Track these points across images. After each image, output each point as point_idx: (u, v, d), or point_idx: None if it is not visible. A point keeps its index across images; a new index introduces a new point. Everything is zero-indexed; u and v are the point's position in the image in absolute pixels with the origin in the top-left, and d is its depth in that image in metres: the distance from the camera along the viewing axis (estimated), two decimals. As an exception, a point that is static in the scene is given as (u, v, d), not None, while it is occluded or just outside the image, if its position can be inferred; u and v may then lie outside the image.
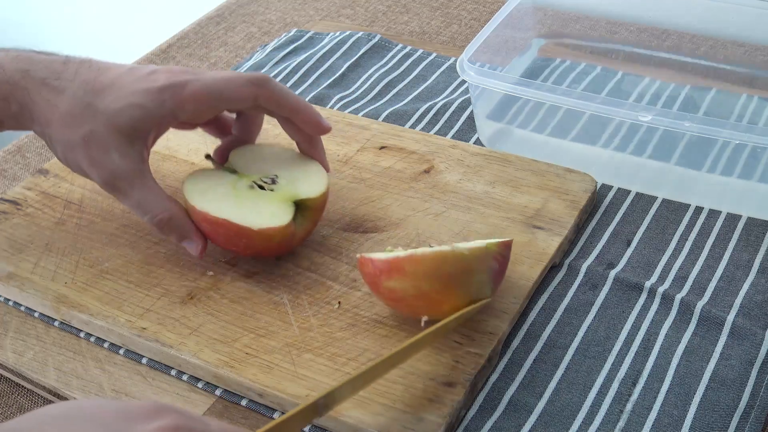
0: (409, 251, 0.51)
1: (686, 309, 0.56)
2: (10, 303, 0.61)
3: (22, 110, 0.57)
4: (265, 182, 0.58)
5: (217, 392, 0.53)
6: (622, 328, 0.55)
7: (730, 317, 0.55)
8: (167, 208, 0.56)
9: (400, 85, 0.80)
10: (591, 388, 0.52)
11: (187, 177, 0.59)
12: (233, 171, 0.60)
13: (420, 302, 0.51)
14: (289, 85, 0.81)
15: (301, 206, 0.57)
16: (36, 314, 0.60)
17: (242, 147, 0.62)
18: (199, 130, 0.66)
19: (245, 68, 0.84)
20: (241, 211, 0.56)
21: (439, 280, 0.50)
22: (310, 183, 0.59)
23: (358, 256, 0.54)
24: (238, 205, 0.57)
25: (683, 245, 0.61)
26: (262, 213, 0.56)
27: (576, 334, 0.55)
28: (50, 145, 0.58)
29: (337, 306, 0.56)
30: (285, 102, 0.58)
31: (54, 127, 0.56)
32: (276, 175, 0.59)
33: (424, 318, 0.52)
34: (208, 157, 0.61)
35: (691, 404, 0.50)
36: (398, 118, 0.74)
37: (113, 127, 0.55)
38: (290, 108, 0.58)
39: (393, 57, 0.83)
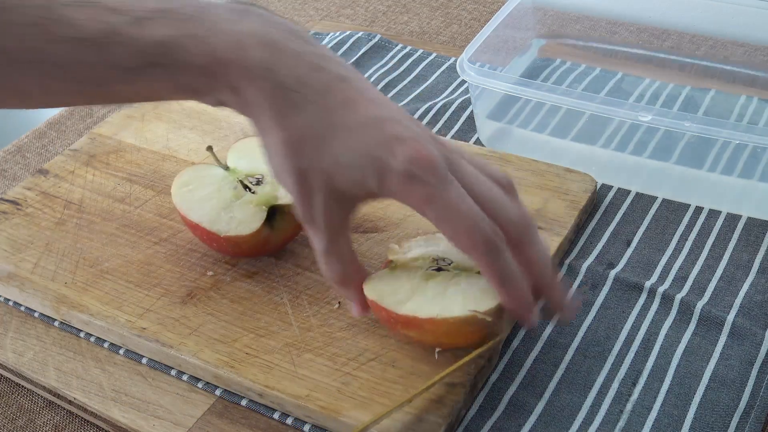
0: (429, 314, 0.48)
1: (686, 309, 0.56)
2: (10, 303, 0.61)
3: (259, 100, 0.46)
4: (250, 182, 0.59)
5: (217, 392, 0.53)
6: (622, 328, 0.55)
7: (730, 317, 0.55)
8: (341, 272, 0.50)
9: (400, 85, 0.80)
10: (591, 388, 0.52)
11: (179, 173, 0.60)
12: (226, 167, 0.60)
13: (438, 346, 0.51)
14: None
15: (279, 210, 0.58)
16: (36, 314, 0.60)
17: (244, 140, 0.62)
18: (199, 131, 0.66)
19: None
20: (214, 215, 0.57)
21: (459, 336, 0.49)
22: None
23: (368, 297, 0.50)
24: (213, 207, 0.58)
25: (683, 245, 0.61)
26: (234, 219, 0.57)
27: (576, 334, 0.55)
28: (260, 143, 0.49)
29: (337, 306, 0.56)
30: (528, 257, 0.48)
31: (273, 140, 0.47)
32: (262, 175, 0.59)
33: (438, 349, 0.51)
34: (209, 149, 0.61)
35: (691, 404, 0.50)
36: (398, 118, 0.74)
37: (329, 177, 0.46)
38: (531, 267, 0.48)
39: (393, 57, 0.83)
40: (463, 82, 0.78)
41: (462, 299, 0.48)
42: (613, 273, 0.59)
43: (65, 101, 0.52)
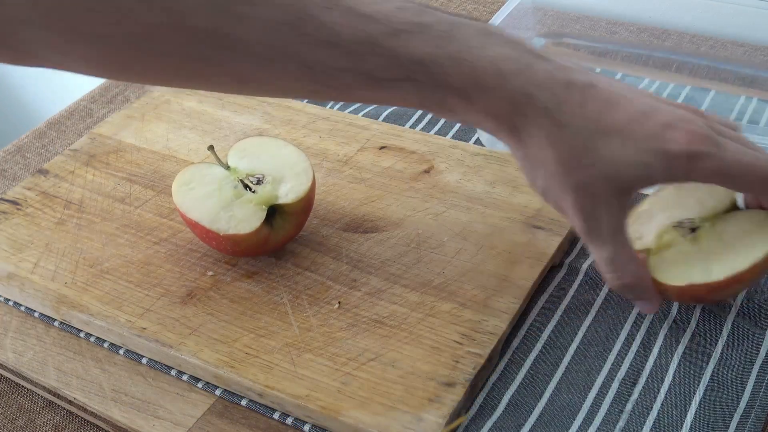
0: (747, 264, 0.50)
1: (686, 309, 0.56)
2: (10, 303, 0.61)
3: (499, 125, 0.48)
4: (251, 182, 0.59)
5: (217, 392, 0.53)
6: (622, 328, 0.55)
7: (730, 317, 0.55)
8: (635, 273, 0.50)
9: (400, 85, 0.80)
10: (591, 388, 0.52)
11: (180, 172, 0.60)
12: (227, 167, 0.60)
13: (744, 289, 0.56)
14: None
15: (279, 210, 0.58)
16: (36, 314, 0.60)
17: (246, 140, 0.62)
18: (199, 131, 0.66)
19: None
20: (214, 214, 0.57)
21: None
22: (291, 186, 0.58)
23: (678, 285, 0.51)
24: (213, 205, 0.58)
25: (683, 245, 0.60)
26: (233, 217, 0.57)
27: (576, 334, 0.55)
28: (526, 171, 0.50)
29: (337, 306, 0.56)
30: None
31: (539, 161, 0.48)
32: (263, 175, 0.59)
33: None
34: (210, 148, 0.61)
35: (691, 404, 0.50)
36: (398, 118, 0.74)
37: (612, 180, 0.47)
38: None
39: (393, 57, 0.83)
40: (463, 82, 0.78)
41: (750, 236, 0.51)
42: (613, 273, 0.58)
43: (292, 95, 0.52)
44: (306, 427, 0.51)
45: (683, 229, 0.54)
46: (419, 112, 0.75)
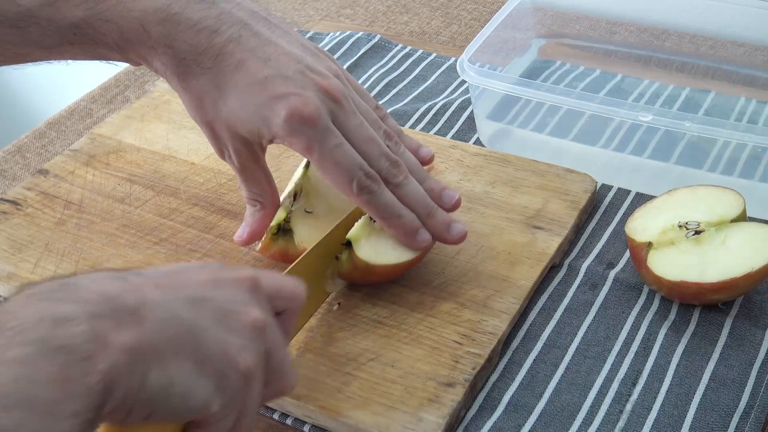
0: (742, 271, 0.52)
1: (686, 309, 0.56)
2: (10, 303, 0.61)
3: (164, 69, 0.54)
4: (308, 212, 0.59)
5: (217, 392, 0.53)
6: (622, 328, 0.55)
7: (730, 318, 0.55)
8: (261, 184, 0.57)
9: (400, 85, 0.80)
10: (591, 389, 0.52)
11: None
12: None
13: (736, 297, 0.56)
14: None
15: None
16: (36, 314, 0.60)
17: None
18: (199, 131, 0.66)
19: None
20: None
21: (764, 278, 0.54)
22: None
23: (673, 280, 0.54)
24: None
25: (683, 245, 0.60)
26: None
27: (576, 334, 0.55)
28: (185, 105, 0.56)
29: (336, 306, 0.56)
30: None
31: (183, 100, 0.55)
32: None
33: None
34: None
35: (691, 404, 0.50)
36: (398, 118, 0.74)
37: (232, 130, 0.54)
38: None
39: (393, 57, 0.83)
40: (463, 82, 0.78)
41: (752, 247, 0.53)
42: (612, 273, 0.58)
43: None
44: (306, 427, 0.51)
45: (688, 230, 0.55)
46: (419, 112, 0.75)
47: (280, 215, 0.57)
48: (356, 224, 0.56)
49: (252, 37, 0.53)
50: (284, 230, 0.57)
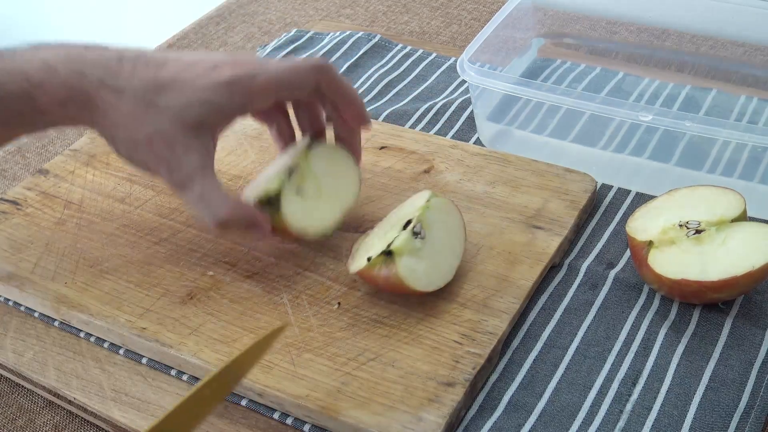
0: (743, 270, 0.52)
1: (686, 309, 0.56)
2: (10, 303, 0.61)
3: (80, 113, 0.55)
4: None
5: (217, 392, 0.53)
6: (622, 328, 0.55)
7: (730, 317, 0.55)
8: (228, 205, 0.54)
9: (400, 85, 0.80)
10: (591, 388, 0.52)
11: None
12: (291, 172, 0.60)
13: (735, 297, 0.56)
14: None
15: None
16: (36, 314, 0.60)
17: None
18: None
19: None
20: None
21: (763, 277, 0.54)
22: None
23: (673, 278, 0.54)
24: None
25: (683, 245, 0.61)
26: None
27: (576, 334, 0.55)
28: (113, 145, 0.56)
29: (337, 306, 0.56)
30: (343, 89, 0.58)
31: (117, 128, 0.54)
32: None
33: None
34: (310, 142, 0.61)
35: (691, 404, 0.50)
36: (398, 118, 0.74)
37: (180, 123, 0.53)
38: (347, 97, 0.58)
39: (393, 57, 0.83)
40: (463, 82, 0.78)
41: (752, 246, 0.53)
42: (612, 273, 0.59)
43: None
44: (306, 427, 0.51)
45: (688, 229, 0.55)
46: (419, 112, 0.75)
47: (272, 186, 0.57)
48: (401, 235, 0.55)
49: (156, 56, 0.55)
50: (272, 202, 0.57)
